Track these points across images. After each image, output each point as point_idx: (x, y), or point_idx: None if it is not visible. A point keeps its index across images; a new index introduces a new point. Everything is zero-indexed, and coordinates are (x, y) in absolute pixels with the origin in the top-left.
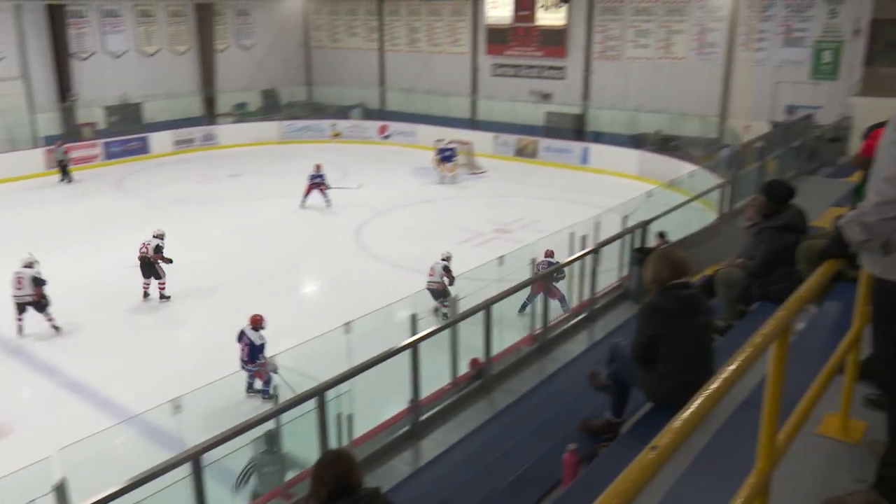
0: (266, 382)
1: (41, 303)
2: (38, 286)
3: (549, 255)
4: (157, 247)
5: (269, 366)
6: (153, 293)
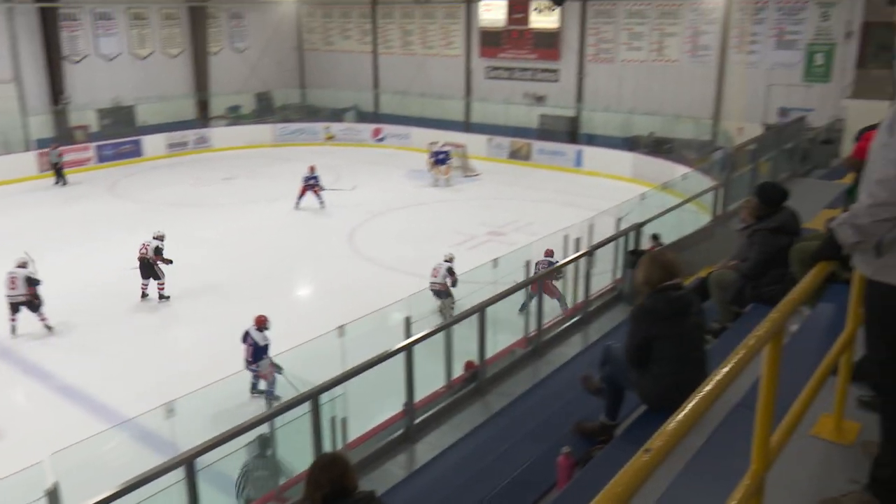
0: (270, 383)
1: (34, 302)
2: (32, 286)
3: (549, 255)
4: (157, 248)
5: (262, 367)
6: (152, 293)
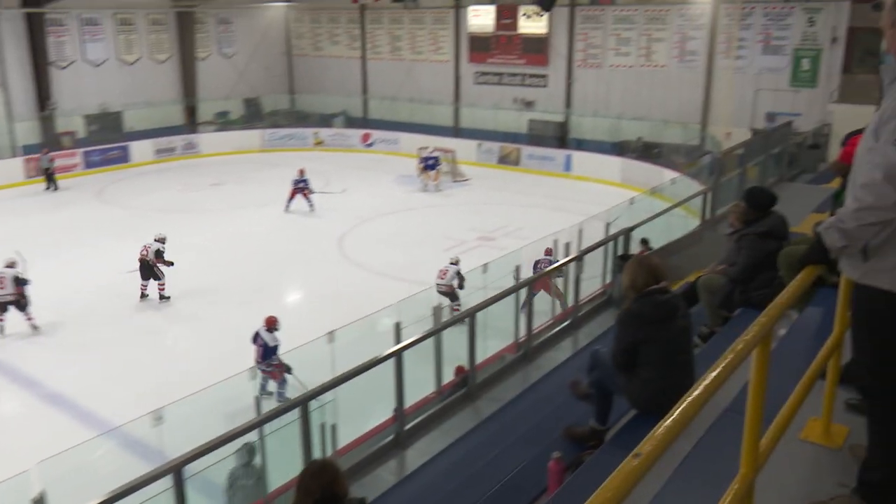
0: (281, 384)
1: (21, 302)
2: (20, 286)
3: (549, 254)
4: (158, 251)
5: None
6: (152, 294)
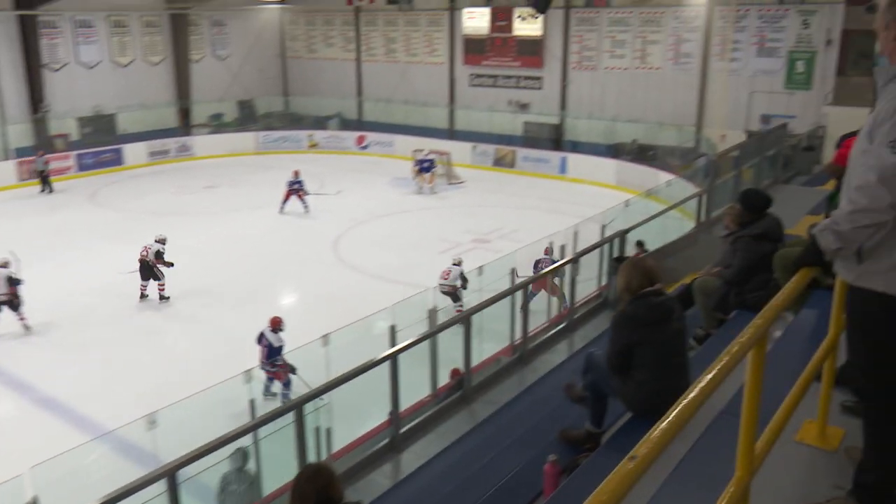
0: (285, 385)
1: (14, 302)
2: (13, 285)
3: (549, 253)
4: (158, 252)
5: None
6: (152, 294)
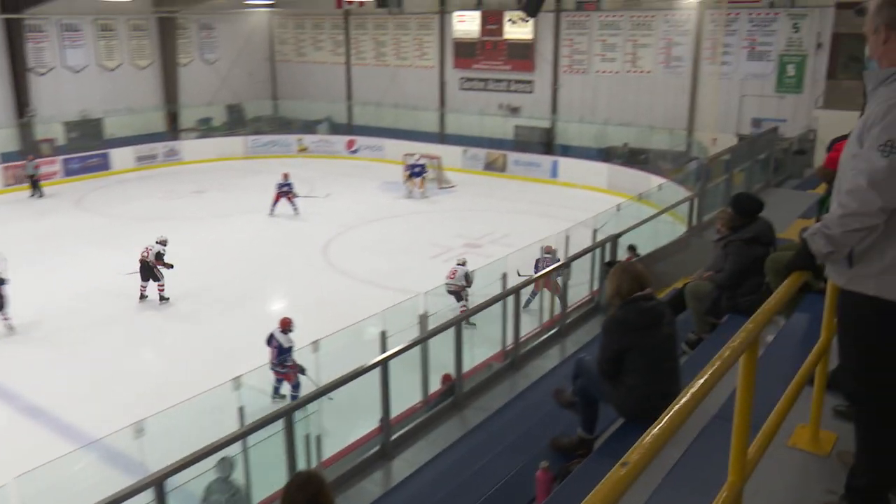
0: (294, 386)
1: None
2: None
3: (549, 251)
4: (158, 253)
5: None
6: (152, 295)
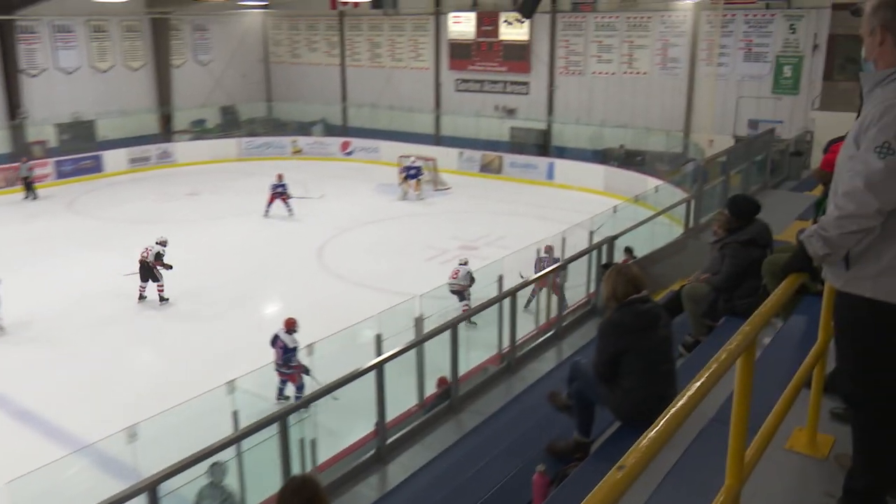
0: (299, 388)
1: None
2: None
3: (549, 251)
4: (158, 254)
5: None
6: (151, 295)
